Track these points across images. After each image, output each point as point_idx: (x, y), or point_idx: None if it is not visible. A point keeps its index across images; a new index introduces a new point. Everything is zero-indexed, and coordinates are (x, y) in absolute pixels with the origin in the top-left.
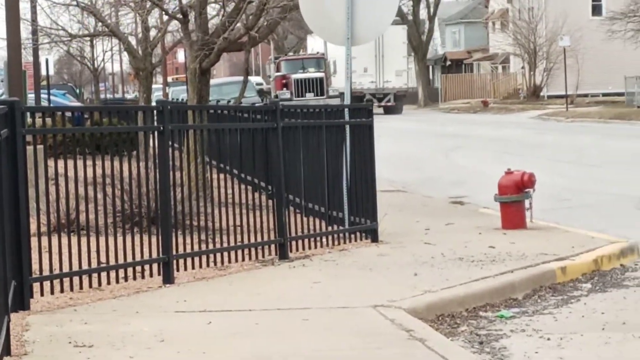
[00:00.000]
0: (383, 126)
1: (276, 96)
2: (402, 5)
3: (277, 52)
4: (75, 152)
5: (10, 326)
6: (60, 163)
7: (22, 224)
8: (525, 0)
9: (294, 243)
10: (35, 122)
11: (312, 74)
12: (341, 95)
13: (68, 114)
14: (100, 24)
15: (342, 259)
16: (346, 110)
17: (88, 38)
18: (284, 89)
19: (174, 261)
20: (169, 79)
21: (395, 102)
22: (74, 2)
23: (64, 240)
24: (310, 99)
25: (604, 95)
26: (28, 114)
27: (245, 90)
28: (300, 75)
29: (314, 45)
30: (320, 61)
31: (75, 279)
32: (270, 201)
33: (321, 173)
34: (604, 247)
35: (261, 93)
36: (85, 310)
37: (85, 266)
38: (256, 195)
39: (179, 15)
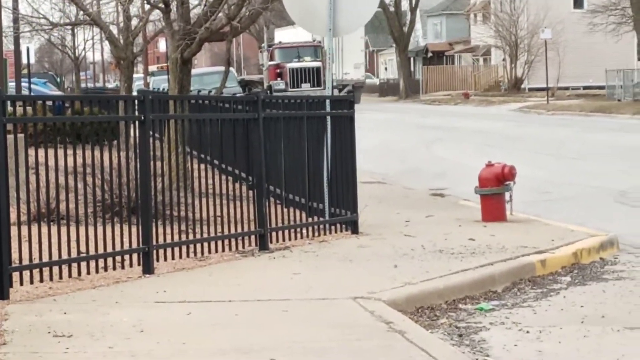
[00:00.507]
0: (364, 117)
1: (269, 87)
2: None
3: (259, 43)
4: (56, 141)
5: None
6: (41, 152)
7: (1, 213)
8: None
9: (274, 234)
10: (16, 111)
11: (309, 63)
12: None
13: (49, 103)
14: (81, 12)
15: (322, 250)
16: (327, 101)
17: (69, 27)
18: (278, 79)
19: (154, 251)
20: (154, 68)
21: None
22: None
23: (44, 229)
24: (306, 89)
25: (585, 88)
26: (9, 102)
27: (226, 81)
28: (295, 65)
29: (282, 38)
30: (317, 49)
31: (55, 269)
32: (250, 192)
33: (302, 164)
34: (584, 240)
35: (243, 84)
36: (65, 300)
37: (65, 256)
38: (237, 185)
39: (161, 5)
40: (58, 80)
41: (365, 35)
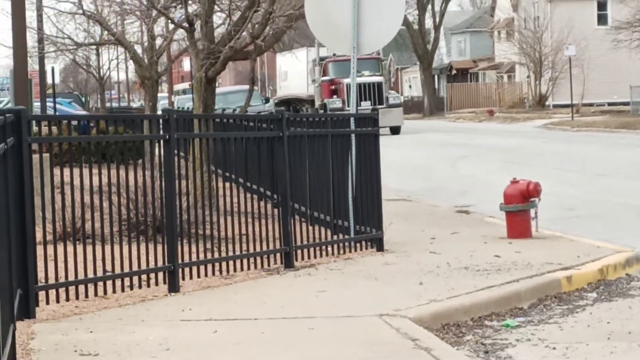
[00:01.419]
0: (388, 136)
1: (323, 105)
2: (408, 14)
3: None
4: (81, 160)
5: (16, 334)
6: (66, 171)
7: (27, 232)
8: (531, 10)
9: (299, 252)
10: (41, 131)
11: (369, 77)
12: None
13: (74, 122)
14: (106, 32)
15: (347, 267)
16: (352, 119)
17: (94, 46)
18: (334, 96)
19: (180, 270)
20: (185, 86)
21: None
22: (80, 11)
23: (70, 248)
24: (366, 108)
25: (610, 104)
26: (34, 122)
27: (251, 99)
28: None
29: (281, 63)
30: (377, 63)
31: (81, 288)
32: (275, 210)
33: (327, 182)
34: (610, 256)
35: (284, 102)
36: (91, 318)
37: (90, 274)
38: (262, 203)
39: (185, 24)
40: (83, 99)
41: (389, 53)
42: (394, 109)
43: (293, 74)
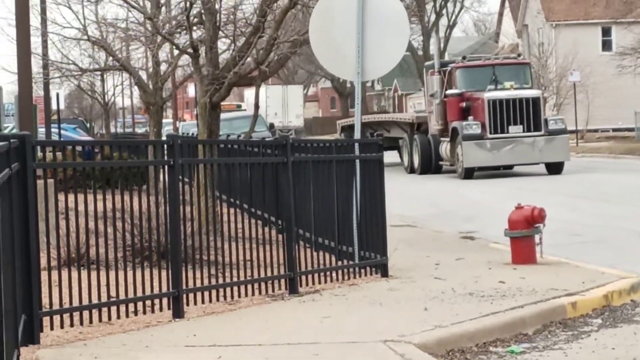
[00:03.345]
0: (393, 161)
1: (454, 130)
2: (412, 40)
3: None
4: (86, 186)
5: None
6: (71, 197)
7: (32, 257)
8: (536, 36)
9: (304, 277)
10: (45, 156)
11: (520, 91)
12: (288, 131)
13: (78, 148)
14: (110, 58)
15: (352, 293)
16: (356, 144)
17: (99, 72)
18: (469, 118)
19: (184, 295)
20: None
21: (297, 135)
22: (85, 37)
23: (74, 274)
24: (518, 135)
25: (614, 130)
26: (39, 148)
27: (255, 125)
28: (497, 94)
29: (249, 97)
30: (525, 70)
31: (85, 313)
32: (280, 236)
33: (331, 207)
34: (615, 282)
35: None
36: (95, 344)
37: (95, 300)
38: (266, 229)
39: (190, 50)
40: (88, 125)
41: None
42: (557, 137)
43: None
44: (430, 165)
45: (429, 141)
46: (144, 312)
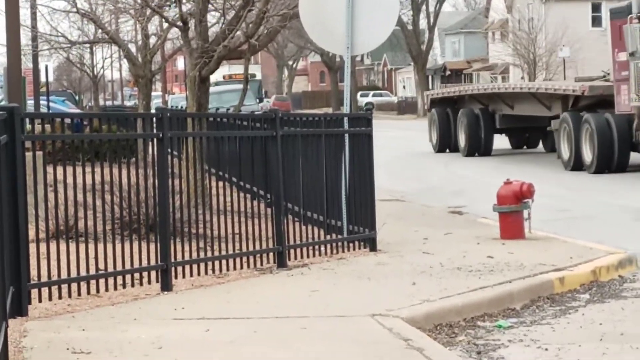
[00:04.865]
0: (382, 135)
1: None
2: (402, 14)
3: (278, 60)
4: (74, 158)
5: (8, 332)
6: (59, 170)
7: (20, 230)
8: (525, 11)
9: (292, 251)
10: (34, 129)
11: None
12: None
13: (67, 120)
14: (100, 31)
15: (340, 267)
16: (345, 119)
17: (88, 45)
18: None
19: (172, 268)
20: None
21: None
22: (74, 9)
23: (63, 247)
24: None
25: None
26: (27, 120)
27: (245, 98)
28: None
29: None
30: None
31: (74, 286)
32: (269, 209)
33: (320, 182)
34: (602, 258)
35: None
36: (83, 317)
37: (83, 273)
38: (255, 203)
39: (179, 23)
40: (77, 98)
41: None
42: None
43: None
44: (612, 159)
45: (607, 123)
46: (133, 285)
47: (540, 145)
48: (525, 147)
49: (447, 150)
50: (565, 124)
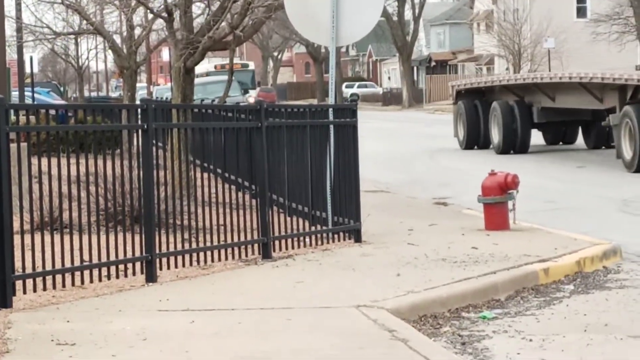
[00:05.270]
0: (367, 127)
1: None
2: (387, 5)
3: (263, 52)
4: (59, 150)
5: None
6: (44, 161)
7: (5, 221)
8: (510, 2)
9: (277, 243)
10: (19, 120)
11: None
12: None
13: (52, 111)
14: (84, 22)
15: (325, 258)
16: (330, 110)
17: (72, 36)
18: None
19: (157, 260)
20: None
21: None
22: (59, 0)
23: (47, 238)
24: None
25: None
26: (12, 111)
27: (229, 90)
28: None
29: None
30: None
31: (58, 277)
32: (253, 200)
33: (305, 173)
34: (587, 249)
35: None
36: (68, 308)
37: (68, 264)
38: (240, 194)
39: (164, 14)
40: (61, 89)
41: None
42: None
43: None
44: None
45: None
46: (117, 277)
47: (579, 141)
48: (561, 142)
49: (475, 147)
50: (627, 119)
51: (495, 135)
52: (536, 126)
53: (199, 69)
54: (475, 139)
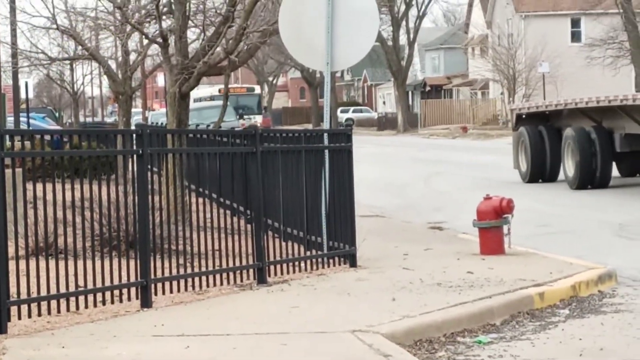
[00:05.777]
0: (362, 152)
1: None
2: (382, 30)
3: (258, 77)
4: (54, 175)
5: None
6: (39, 186)
7: (0, 247)
8: (505, 27)
9: (272, 267)
10: (14, 145)
11: None
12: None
13: (47, 137)
14: (80, 47)
15: (320, 283)
16: (325, 134)
17: (68, 61)
18: None
19: (152, 285)
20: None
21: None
22: (54, 26)
23: (42, 263)
24: None
25: None
26: (7, 136)
27: (224, 115)
28: None
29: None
30: None
31: (53, 303)
32: (249, 225)
33: (300, 197)
34: (582, 273)
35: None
36: (63, 334)
37: (63, 290)
38: (235, 219)
39: (159, 39)
40: (57, 114)
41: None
42: None
43: None
44: None
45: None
46: (112, 302)
47: None
48: (638, 175)
49: (540, 180)
50: None
51: (570, 168)
52: (618, 156)
53: (202, 92)
54: (540, 171)
